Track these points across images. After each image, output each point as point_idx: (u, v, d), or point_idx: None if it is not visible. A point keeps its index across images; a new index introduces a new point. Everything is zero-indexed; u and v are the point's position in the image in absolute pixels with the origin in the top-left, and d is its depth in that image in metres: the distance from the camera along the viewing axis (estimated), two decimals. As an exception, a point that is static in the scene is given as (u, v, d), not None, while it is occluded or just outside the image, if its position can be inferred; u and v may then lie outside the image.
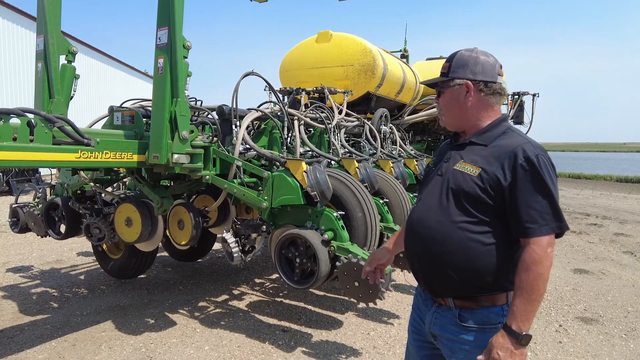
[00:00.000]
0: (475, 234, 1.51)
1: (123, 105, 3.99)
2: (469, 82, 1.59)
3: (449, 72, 1.64)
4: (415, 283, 1.82)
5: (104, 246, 4.79)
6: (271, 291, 4.76)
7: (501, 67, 1.65)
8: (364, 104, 6.01)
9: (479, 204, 1.50)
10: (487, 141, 1.58)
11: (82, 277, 5.18)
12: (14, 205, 4.59)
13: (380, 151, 5.11)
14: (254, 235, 3.51)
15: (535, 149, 1.48)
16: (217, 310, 4.20)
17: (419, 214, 1.68)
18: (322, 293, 4.64)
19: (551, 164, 1.49)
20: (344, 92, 5.31)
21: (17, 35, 14.97)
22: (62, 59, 3.46)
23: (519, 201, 1.44)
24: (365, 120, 5.30)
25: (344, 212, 3.44)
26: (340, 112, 4.92)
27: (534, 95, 8.24)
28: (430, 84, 1.73)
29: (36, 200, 4.56)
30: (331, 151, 4.55)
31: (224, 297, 4.56)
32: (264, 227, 3.49)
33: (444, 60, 1.70)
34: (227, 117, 3.78)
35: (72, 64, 3.52)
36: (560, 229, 1.45)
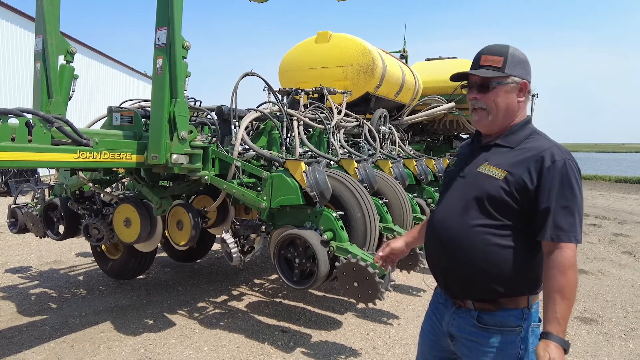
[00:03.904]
0: (498, 237, 1.48)
1: (122, 106, 3.99)
2: (527, 82, 1.56)
3: (503, 67, 1.54)
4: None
5: (103, 247, 4.78)
6: (270, 291, 4.75)
7: None
8: (363, 105, 6.01)
9: (503, 207, 1.48)
10: (513, 144, 1.55)
11: (80, 277, 5.17)
12: (12, 206, 4.58)
13: (380, 151, 5.11)
14: (253, 235, 3.51)
15: (563, 153, 1.46)
16: (216, 310, 4.19)
17: (441, 216, 1.65)
18: (321, 293, 4.64)
19: (578, 169, 1.46)
20: (343, 93, 5.31)
21: (15, 35, 14.96)
22: (61, 59, 3.45)
23: (549, 205, 1.41)
24: (365, 121, 5.30)
25: (343, 213, 3.44)
26: (339, 113, 4.92)
27: (533, 95, 8.25)
28: (486, 77, 1.55)
29: (35, 200, 4.55)
30: (330, 151, 4.55)
31: (223, 297, 4.56)
32: (263, 227, 3.49)
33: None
34: (226, 118, 3.78)
35: (71, 64, 3.52)
36: (577, 240, 1.43)
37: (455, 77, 1.68)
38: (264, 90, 4.40)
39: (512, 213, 1.47)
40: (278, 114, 4.09)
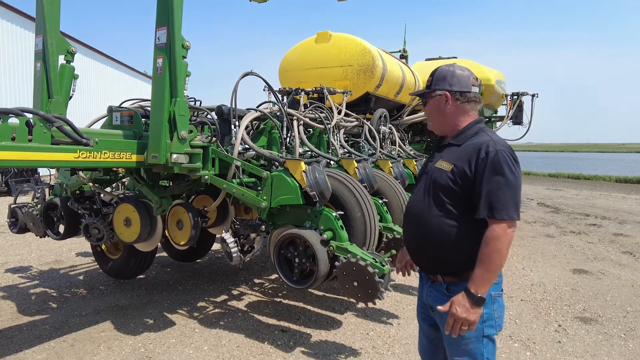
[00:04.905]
0: (451, 219, 1.79)
1: (122, 106, 3.99)
2: (447, 92, 1.88)
3: (431, 85, 1.93)
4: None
5: (103, 246, 4.79)
6: (270, 291, 4.76)
7: (476, 79, 1.92)
8: (363, 105, 6.01)
9: (451, 193, 1.78)
10: (460, 141, 1.87)
11: (81, 277, 5.18)
12: (12, 206, 4.58)
13: (380, 151, 5.11)
14: (253, 235, 3.51)
15: (496, 144, 1.73)
16: (216, 310, 4.19)
17: (410, 205, 2.01)
18: (321, 293, 4.64)
19: (512, 157, 1.72)
20: (343, 93, 5.31)
21: (15, 35, 14.96)
22: (61, 59, 3.45)
23: (482, 189, 1.70)
24: (365, 121, 5.30)
25: (343, 212, 3.44)
26: (339, 113, 4.92)
27: (533, 95, 8.25)
28: (417, 94, 2.05)
29: (35, 200, 4.55)
30: (330, 151, 4.55)
31: (223, 297, 4.56)
32: (263, 227, 3.49)
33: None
34: (226, 117, 3.78)
35: (71, 64, 3.52)
36: (510, 217, 1.66)
37: (413, 95, 2.10)
38: (264, 90, 4.40)
39: (459, 198, 1.77)
40: (278, 113, 4.09)
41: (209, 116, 3.93)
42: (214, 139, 3.53)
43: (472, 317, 1.67)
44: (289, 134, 4.24)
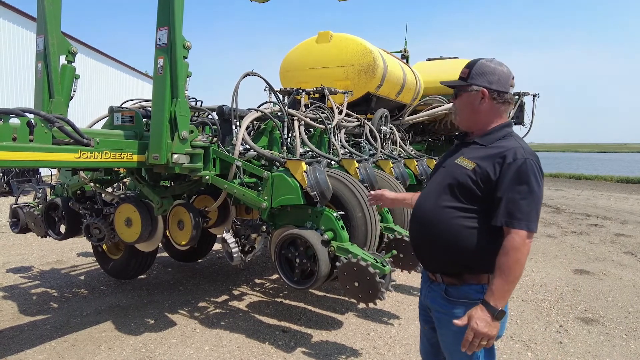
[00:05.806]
0: (462, 218, 1.73)
1: (123, 106, 3.99)
2: (485, 89, 1.78)
3: (468, 77, 1.82)
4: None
5: (104, 246, 4.79)
6: (271, 291, 4.76)
7: (513, 78, 1.81)
8: (364, 105, 6.01)
9: (469, 193, 1.72)
10: (487, 142, 1.79)
11: (82, 277, 5.18)
12: (14, 206, 4.59)
13: (381, 151, 5.10)
14: (253, 235, 3.51)
15: (525, 152, 1.67)
16: (217, 310, 4.19)
17: (420, 199, 1.94)
18: (322, 293, 4.64)
19: (539, 168, 1.68)
20: (344, 93, 5.30)
21: (17, 35, 14.99)
22: (62, 59, 3.46)
23: (504, 195, 1.64)
24: (366, 121, 5.30)
25: (343, 212, 3.44)
26: (340, 113, 4.92)
27: (534, 95, 8.23)
28: (450, 86, 1.92)
29: (36, 200, 4.56)
30: (331, 151, 4.55)
31: (224, 297, 4.56)
32: (264, 227, 3.49)
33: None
34: (227, 118, 3.78)
35: (72, 64, 3.53)
36: (529, 229, 1.61)
37: (444, 85, 1.99)
38: (265, 90, 4.40)
39: (475, 199, 1.71)
40: (279, 113, 4.09)
41: (209, 116, 3.94)
42: (214, 139, 3.53)
43: (494, 332, 1.60)
44: (289, 134, 4.24)
